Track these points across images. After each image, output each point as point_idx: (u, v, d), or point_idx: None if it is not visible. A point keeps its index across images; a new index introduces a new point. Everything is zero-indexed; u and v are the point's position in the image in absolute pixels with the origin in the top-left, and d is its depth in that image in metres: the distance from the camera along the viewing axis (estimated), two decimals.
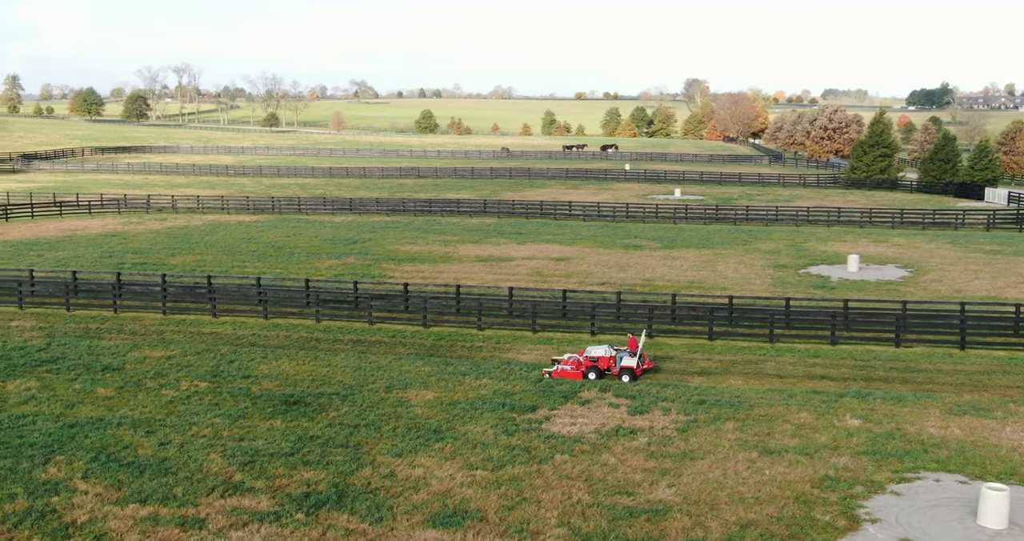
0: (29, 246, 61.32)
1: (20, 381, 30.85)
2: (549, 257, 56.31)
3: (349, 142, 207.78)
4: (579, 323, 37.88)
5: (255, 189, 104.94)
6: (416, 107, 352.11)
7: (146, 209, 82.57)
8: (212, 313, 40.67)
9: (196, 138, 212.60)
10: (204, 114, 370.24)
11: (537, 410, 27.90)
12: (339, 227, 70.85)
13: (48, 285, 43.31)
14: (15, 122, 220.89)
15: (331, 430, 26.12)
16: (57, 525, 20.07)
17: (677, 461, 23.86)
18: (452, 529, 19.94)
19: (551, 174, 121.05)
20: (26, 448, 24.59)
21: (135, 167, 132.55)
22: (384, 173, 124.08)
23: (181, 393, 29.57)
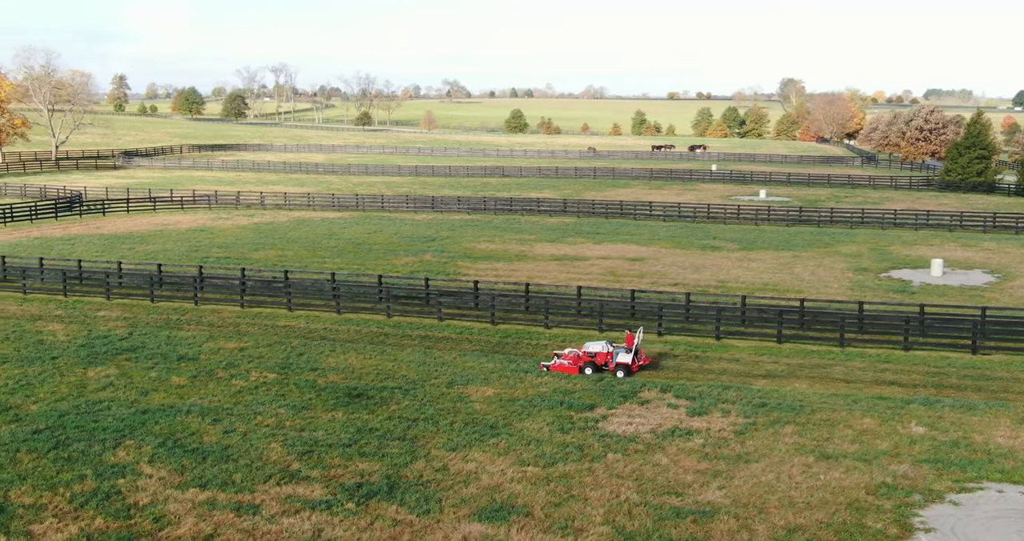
0: (122, 239, 63.62)
1: (101, 368, 32.14)
2: (624, 257, 56.16)
3: (438, 141, 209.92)
4: (646, 323, 37.71)
5: (342, 187, 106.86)
6: (507, 107, 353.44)
7: (235, 205, 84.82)
8: (287, 307, 41.68)
9: (290, 136, 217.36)
10: (300, 113, 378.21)
11: (595, 409, 27.95)
12: (419, 225, 71.76)
13: (135, 277, 44.92)
14: (119, 120, 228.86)
15: (390, 423, 26.59)
16: (120, 506, 20.92)
17: (731, 463, 23.67)
18: (497, 523, 20.17)
19: (635, 174, 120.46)
20: (99, 432, 25.64)
21: (229, 164, 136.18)
22: (469, 172, 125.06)
23: (250, 383, 30.43)
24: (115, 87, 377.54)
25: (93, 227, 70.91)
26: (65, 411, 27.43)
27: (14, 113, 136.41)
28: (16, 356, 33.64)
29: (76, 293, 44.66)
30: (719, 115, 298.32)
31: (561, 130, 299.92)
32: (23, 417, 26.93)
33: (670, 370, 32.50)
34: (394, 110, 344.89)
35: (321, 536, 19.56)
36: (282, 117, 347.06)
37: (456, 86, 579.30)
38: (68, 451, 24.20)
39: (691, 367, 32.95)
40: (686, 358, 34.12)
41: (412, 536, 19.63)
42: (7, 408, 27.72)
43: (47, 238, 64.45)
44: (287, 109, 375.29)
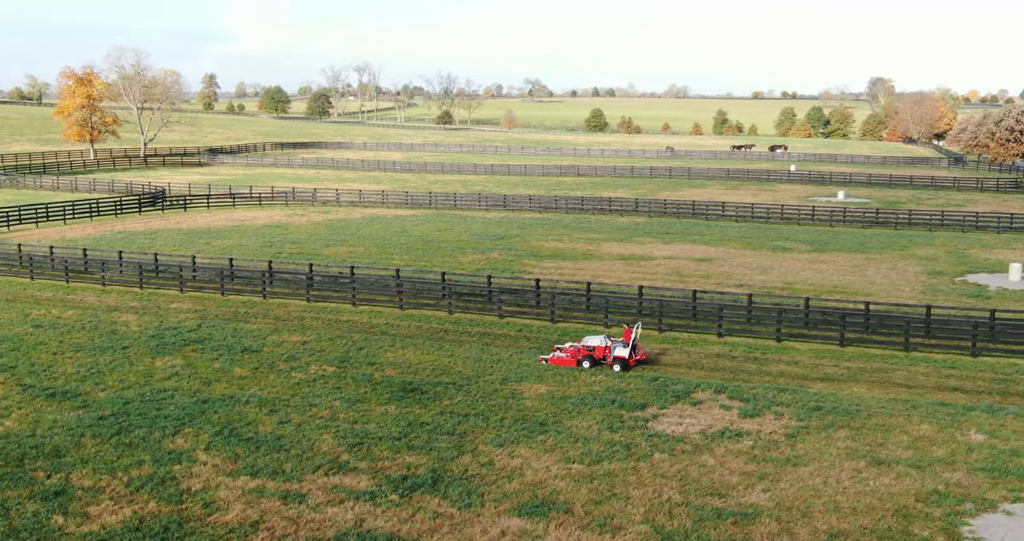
0: (200, 234, 65.34)
1: (168, 358, 33.15)
2: (692, 257, 55.73)
3: (516, 140, 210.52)
4: (707, 324, 37.44)
5: (417, 185, 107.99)
6: (588, 106, 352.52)
7: (311, 202, 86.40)
8: (352, 302, 42.37)
9: (370, 135, 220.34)
10: (382, 112, 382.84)
11: (647, 408, 27.88)
12: (489, 223, 72.19)
13: (207, 271, 46.13)
14: (205, 118, 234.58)
15: (441, 418, 26.91)
16: (173, 491, 21.62)
17: (778, 466, 23.43)
18: (536, 519, 20.32)
19: (711, 174, 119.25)
20: (161, 419, 26.48)
21: (309, 162, 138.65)
22: (544, 171, 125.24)
23: (309, 376, 31.08)
24: (205, 86, 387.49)
25: (174, 222, 72.97)
26: (130, 399, 28.40)
27: (105, 111, 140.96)
28: (90, 345, 34.89)
29: (151, 286, 46.07)
30: (803, 115, 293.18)
31: (641, 130, 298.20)
32: (90, 403, 27.96)
33: (726, 371, 32.23)
34: (475, 109, 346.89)
35: (363, 526, 19.95)
36: (365, 116, 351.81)
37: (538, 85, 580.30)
38: (129, 437, 25.07)
39: (748, 369, 32.62)
40: (744, 360, 33.78)
41: (451, 529, 19.90)
42: (77, 394, 28.81)
43: (130, 232, 66.53)
44: (370, 108, 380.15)
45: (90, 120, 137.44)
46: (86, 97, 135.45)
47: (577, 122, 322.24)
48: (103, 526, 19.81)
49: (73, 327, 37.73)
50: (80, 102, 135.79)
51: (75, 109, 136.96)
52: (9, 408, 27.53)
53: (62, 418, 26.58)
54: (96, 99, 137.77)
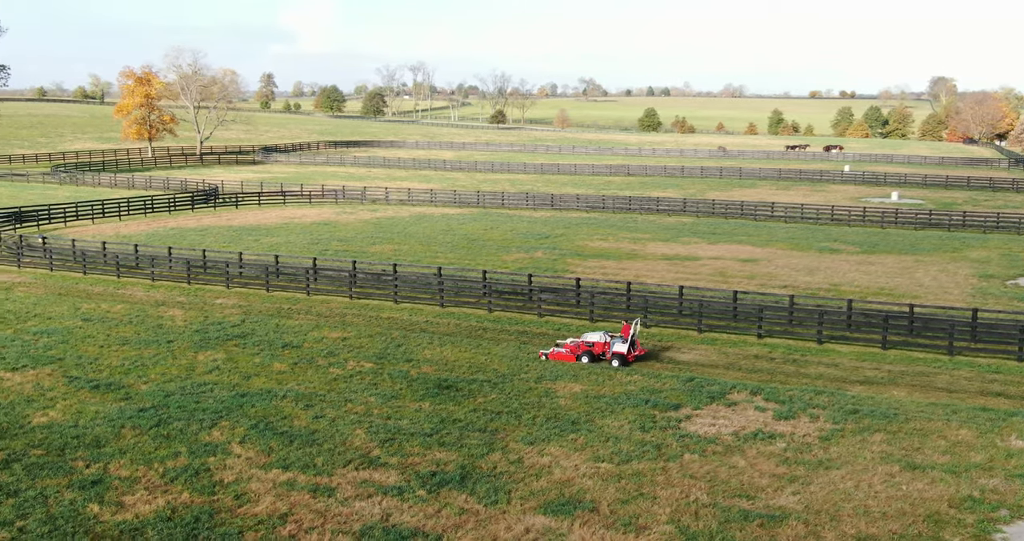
0: (249, 231, 66.31)
1: (210, 352, 33.74)
2: (737, 258, 55.29)
3: (568, 139, 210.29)
4: (747, 325, 37.13)
5: (467, 183, 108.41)
6: (643, 106, 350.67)
7: (361, 200, 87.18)
8: (394, 299, 42.73)
9: (423, 134, 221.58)
10: (436, 111, 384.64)
11: (680, 409, 27.77)
12: (535, 222, 72.26)
13: (253, 267, 46.81)
14: (261, 117, 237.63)
15: (474, 415, 27.05)
16: (206, 482, 22.03)
17: (810, 469, 23.20)
18: (561, 517, 20.36)
19: (763, 174, 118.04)
20: (199, 412, 26.98)
21: (361, 160, 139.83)
22: (594, 170, 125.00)
23: (346, 372, 31.42)
24: (263, 85, 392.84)
25: (225, 219, 74.14)
26: (171, 392, 28.97)
27: (163, 110, 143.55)
28: (136, 338, 35.63)
29: (199, 281, 46.88)
30: (860, 115, 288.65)
31: (695, 129, 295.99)
32: (132, 396, 28.57)
33: (764, 373, 31.95)
34: (528, 108, 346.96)
35: (388, 520, 20.17)
36: (419, 115, 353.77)
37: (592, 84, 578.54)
38: (168, 429, 25.58)
39: (787, 370, 32.31)
40: (783, 361, 33.46)
41: (476, 525, 20.03)
42: (120, 387, 29.45)
43: (182, 229, 67.74)
44: (424, 107, 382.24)
45: (148, 119, 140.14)
46: (145, 96, 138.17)
47: (630, 122, 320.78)
48: (136, 515, 20.26)
49: (121, 321, 38.55)
50: (139, 101, 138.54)
51: (134, 108, 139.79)
52: (54, 399, 28.24)
53: (104, 409, 27.20)
54: (154, 98, 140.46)
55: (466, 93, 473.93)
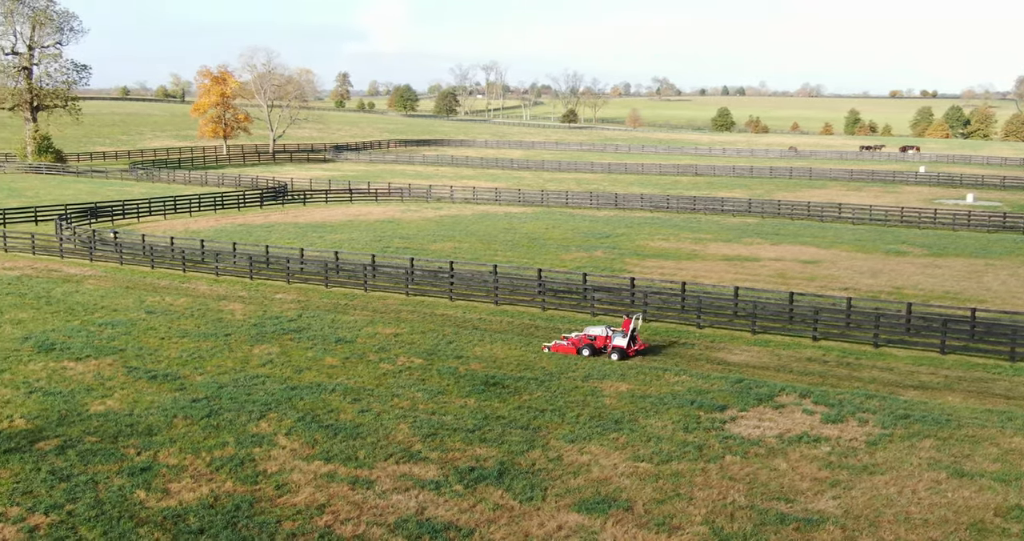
0: (315, 228, 67.41)
1: (265, 346, 34.43)
2: (799, 259, 54.51)
3: (639, 139, 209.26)
4: (802, 327, 36.62)
5: (533, 183, 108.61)
6: (717, 105, 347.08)
7: (426, 198, 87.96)
8: (449, 297, 43.08)
9: (492, 133, 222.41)
10: (508, 110, 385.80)
11: (726, 410, 27.55)
12: (598, 221, 72.13)
13: (314, 263, 47.58)
14: (333, 116, 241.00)
15: (518, 412, 27.19)
16: (250, 472, 22.54)
17: (853, 474, 22.84)
18: (594, 515, 20.39)
19: (833, 175, 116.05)
20: (249, 404, 27.58)
21: (429, 159, 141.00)
22: (662, 170, 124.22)
23: (396, 367, 31.81)
24: (339, 84, 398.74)
25: (292, 216, 75.46)
26: (224, 383, 29.65)
27: (238, 109, 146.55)
28: (195, 331, 36.52)
29: (261, 277, 47.82)
30: (941, 115, 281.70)
31: (769, 129, 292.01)
32: (187, 387, 29.31)
33: (815, 376, 31.51)
34: (600, 108, 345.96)
35: (423, 514, 20.41)
36: (491, 114, 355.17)
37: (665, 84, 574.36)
38: (218, 420, 26.20)
39: (839, 374, 31.80)
40: (837, 364, 32.95)
41: (509, 521, 20.16)
42: (176, 378, 30.25)
43: (249, 225, 69.13)
44: (496, 106, 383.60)
45: (224, 117, 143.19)
46: (220, 95, 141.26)
47: (703, 121, 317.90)
48: (180, 502, 20.83)
49: (183, 314, 39.54)
50: (215, 100, 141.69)
51: (210, 107, 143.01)
52: (113, 388, 29.13)
53: (159, 399, 27.98)
54: (230, 97, 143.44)
55: (539, 92, 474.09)
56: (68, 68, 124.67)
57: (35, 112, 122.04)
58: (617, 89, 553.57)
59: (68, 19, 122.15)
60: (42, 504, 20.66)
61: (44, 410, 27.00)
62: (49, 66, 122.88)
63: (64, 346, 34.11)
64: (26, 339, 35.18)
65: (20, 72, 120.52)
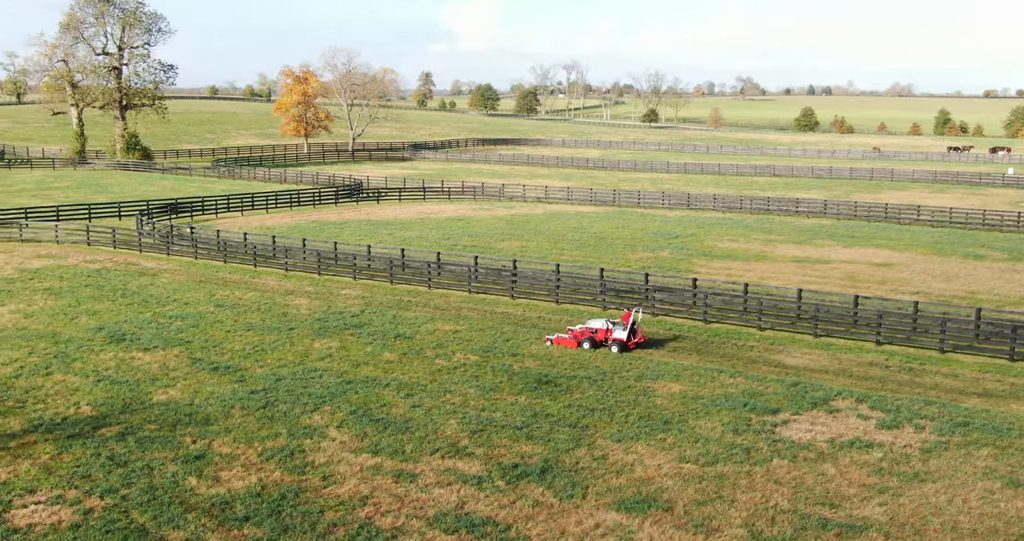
0: (386, 225, 68.31)
1: (326, 340, 35.09)
2: (871, 262, 53.40)
3: (718, 139, 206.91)
4: (866, 331, 35.92)
5: (607, 182, 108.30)
6: (801, 105, 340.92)
7: (498, 197, 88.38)
8: (510, 295, 43.31)
9: (570, 132, 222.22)
10: (589, 110, 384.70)
11: (778, 413, 27.22)
12: (668, 221, 71.65)
13: (380, 260, 48.24)
14: (413, 114, 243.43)
15: (568, 410, 27.27)
16: (299, 463, 23.07)
17: (903, 481, 22.40)
18: (633, 514, 20.39)
19: (916, 176, 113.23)
20: (305, 397, 28.18)
21: (505, 157, 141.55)
22: (738, 170, 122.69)
23: (451, 364, 32.14)
24: (421, 83, 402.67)
25: (364, 213, 76.56)
26: (283, 376, 30.33)
27: (319, 107, 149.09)
28: (260, 325, 37.40)
29: (329, 273, 48.68)
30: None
31: (854, 129, 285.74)
32: (247, 379, 30.07)
33: (875, 380, 30.89)
34: (682, 107, 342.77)
35: (463, 508, 20.65)
36: (571, 113, 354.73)
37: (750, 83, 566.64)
38: (273, 411, 26.84)
39: (900, 379, 31.13)
40: (898, 370, 32.26)
41: (547, 517, 20.28)
42: (237, 369, 31.04)
43: (322, 221, 70.36)
44: (576, 105, 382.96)
45: (305, 116, 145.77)
46: (302, 94, 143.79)
47: (787, 122, 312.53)
48: (229, 490, 21.42)
49: (250, 308, 40.50)
50: (296, 99, 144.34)
51: (292, 106, 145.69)
52: (176, 379, 30.03)
53: (219, 390, 28.76)
54: (311, 96, 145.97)
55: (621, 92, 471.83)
56: (155, 68, 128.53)
57: (124, 111, 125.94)
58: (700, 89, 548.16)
59: (156, 20, 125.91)
60: (99, 488, 21.46)
61: (110, 398, 27.99)
62: (137, 66, 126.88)
63: (134, 337, 35.27)
64: (100, 329, 36.45)
65: (110, 72, 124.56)
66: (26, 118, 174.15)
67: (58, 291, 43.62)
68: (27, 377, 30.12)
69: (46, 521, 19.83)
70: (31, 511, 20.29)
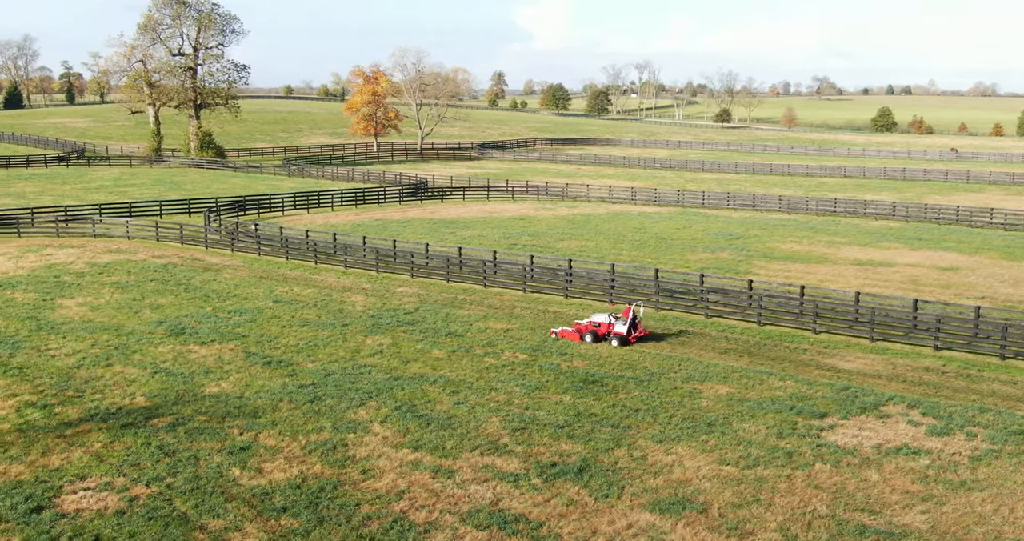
0: (447, 224, 68.79)
1: (378, 337, 35.54)
2: (936, 266, 52.18)
3: (789, 139, 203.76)
4: (924, 336, 35.14)
5: (673, 182, 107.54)
6: (879, 105, 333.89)
7: (562, 197, 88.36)
8: (564, 294, 43.34)
9: (640, 132, 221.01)
10: (661, 109, 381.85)
11: (826, 417, 26.83)
12: (731, 222, 70.89)
13: (437, 258, 48.63)
14: (483, 114, 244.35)
15: (611, 410, 27.24)
16: (341, 456, 23.46)
17: (949, 489, 21.93)
18: (667, 515, 20.33)
19: (993, 178, 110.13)
20: (352, 392, 28.60)
21: (572, 157, 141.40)
22: (808, 171, 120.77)
23: (499, 362, 32.31)
24: (493, 83, 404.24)
25: (428, 211, 77.20)
26: (333, 371, 30.82)
27: (389, 107, 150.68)
28: (316, 321, 38.01)
29: (387, 270, 49.24)
30: None
31: (933, 130, 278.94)
32: (298, 373, 30.63)
33: (929, 386, 30.22)
34: (755, 108, 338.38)
35: (497, 505, 20.80)
36: (643, 113, 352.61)
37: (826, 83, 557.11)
38: (320, 405, 27.31)
39: (956, 385, 30.41)
40: (955, 376, 31.52)
41: (580, 516, 20.32)
42: (289, 364, 31.63)
43: (386, 220, 71.14)
44: (648, 106, 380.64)
45: (375, 115, 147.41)
46: (372, 94, 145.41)
47: (863, 122, 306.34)
48: (270, 481, 21.89)
49: (307, 304, 41.19)
50: (366, 98, 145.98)
51: (362, 105, 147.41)
52: (229, 372, 30.72)
53: (269, 384, 29.35)
54: (381, 96, 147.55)
55: (694, 92, 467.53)
56: (229, 68, 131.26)
57: (198, 110, 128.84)
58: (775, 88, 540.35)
59: (230, 21, 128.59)
60: (145, 476, 22.10)
61: (164, 389, 28.76)
62: (212, 66, 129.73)
63: (193, 330, 36.15)
64: (161, 323, 37.43)
65: (185, 72, 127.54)
66: (108, 117, 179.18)
67: (125, 285, 44.88)
68: (88, 368, 31.10)
69: (93, 507, 20.50)
70: (79, 497, 20.99)
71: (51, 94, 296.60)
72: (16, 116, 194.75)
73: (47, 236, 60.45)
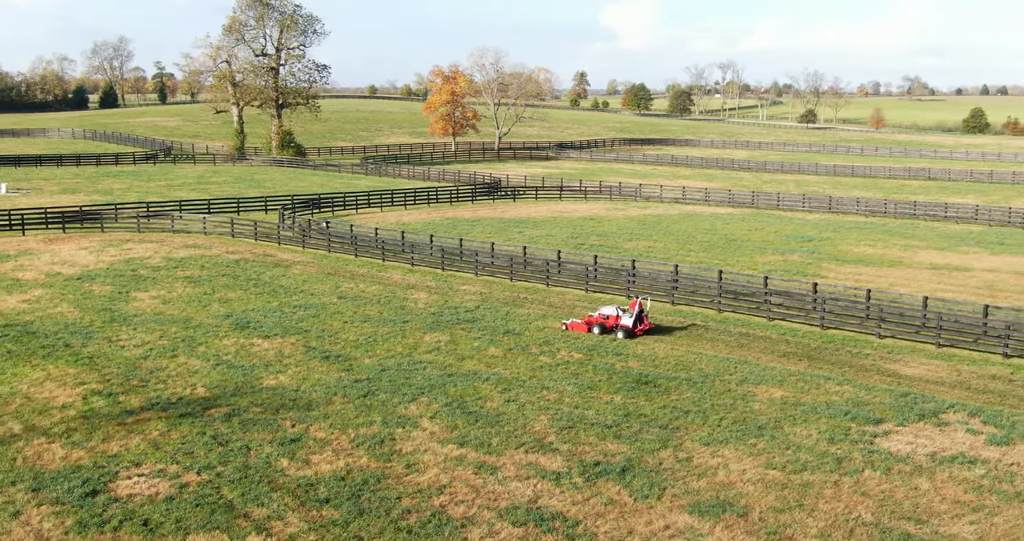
0: (517, 223, 69.03)
1: (437, 334, 35.90)
2: (1016, 271, 50.58)
3: (875, 140, 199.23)
4: (994, 343, 34.14)
5: (751, 183, 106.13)
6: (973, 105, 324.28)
7: (635, 197, 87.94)
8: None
9: (720, 132, 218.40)
10: (744, 110, 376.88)
11: (881, 424, 26.30)
12: (805, 224, 69.72)
13: (501, 257, 48.86)
14: (562, 114, 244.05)
15: (661, 411, 27.11)
16: (387, 450, 23.82)
17: (1003, 500, 21.33)
18: (706, 518, 20.19)
19: None
20: (405, 387, 28.98)
21: (649, 158, 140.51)
22: (891, 173, 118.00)
23: (554, 360, 32.39)
24: (575, 83, 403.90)
25: (499, 211, 77.56)
26: (388, 367, 31.26)
27: (467, 107, 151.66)
28: (378, 317, 38.57)
29: (452, 268, 49.66)
30: None
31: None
32: (354, 368, 31.14)
33: (994, 394, 29.38)
34: (842, 108, 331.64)
35: (536, 503, 20.90)
36: (726, 113, 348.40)
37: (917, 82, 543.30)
38: (372, 400, 27.74)
39: (1022, 394, 29.51)
40: (1023, 385, 30.57)
41: (618, 516, 20.31)
42: (347, 359, 32.18)
43: (456, 218, 71.71)
44: (732, 106, 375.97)
45: (453, 115, 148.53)
46: (450, 93, 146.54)
47: (954, 123, 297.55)
48: (316, 473, 22.34)
49: (370, 300, 41.81)
50: (445, 98, 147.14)
51: (441, 105, 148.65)
52: (288, 365, 31.39)
53: (325, 378, 29.91)
54: (459, 95, 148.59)
55: (779, 92, 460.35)
56: (310, 68, 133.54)
57: (279, 109, 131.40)
58: (864, 88, 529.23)
59: (312, 22, 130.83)
60: (197, 464, 22.76)
61: (224, 381, 29.53)
62: (293, 66, 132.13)
63: (257, 324, 37.00)
64: (228, 316, 38.40)
65: (268, 72, 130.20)
66: (196, 116, 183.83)
67: (197, 279, 46.13)
68: (154, 359, 32.10)
69: (144, 492, 21.19)
70: (133, 483, 21.71)
71: (144, 94, 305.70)
72: (110, 115, 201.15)
73: (129, 231, 62.41)
